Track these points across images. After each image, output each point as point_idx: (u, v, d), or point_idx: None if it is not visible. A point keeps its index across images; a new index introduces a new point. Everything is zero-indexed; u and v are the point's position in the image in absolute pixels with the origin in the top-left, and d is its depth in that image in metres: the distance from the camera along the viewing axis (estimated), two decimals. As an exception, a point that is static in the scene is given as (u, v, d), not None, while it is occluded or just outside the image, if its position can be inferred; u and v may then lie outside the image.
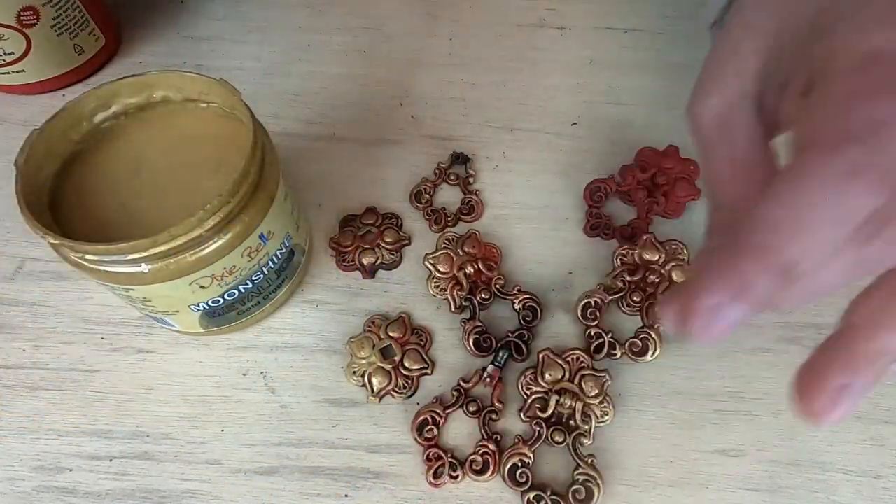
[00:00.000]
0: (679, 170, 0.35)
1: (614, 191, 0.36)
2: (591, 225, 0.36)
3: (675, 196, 0.35)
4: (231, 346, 0.32)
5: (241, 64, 0.43)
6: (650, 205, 0.35)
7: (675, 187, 0.35)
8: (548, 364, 0.30)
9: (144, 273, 0.24)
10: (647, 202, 0.35)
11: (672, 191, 0.35)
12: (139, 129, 0.29)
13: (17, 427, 0.29)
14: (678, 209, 0.35)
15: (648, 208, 0.35)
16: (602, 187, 0.36)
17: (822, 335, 0.32)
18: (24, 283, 0.33)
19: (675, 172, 0.35)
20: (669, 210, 0.35)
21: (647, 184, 0.36)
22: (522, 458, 0.28)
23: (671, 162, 0.36)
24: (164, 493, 0.28)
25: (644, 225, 0.35)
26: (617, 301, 0.33)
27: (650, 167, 0.36)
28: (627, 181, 0.36)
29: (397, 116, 0.41)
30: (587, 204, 0.36)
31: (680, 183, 0.35)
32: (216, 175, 0.27)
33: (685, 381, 0.31)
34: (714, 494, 0.28)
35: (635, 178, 0.36)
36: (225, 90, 0.27)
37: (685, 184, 0.35)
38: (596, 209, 0.36)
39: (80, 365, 0.31)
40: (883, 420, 0.29)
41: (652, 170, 0.36)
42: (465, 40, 0.45)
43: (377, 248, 0.34)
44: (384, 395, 0.30)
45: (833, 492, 0.28)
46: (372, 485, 0.28)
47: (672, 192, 0.35)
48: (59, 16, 0.38)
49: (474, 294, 0.32)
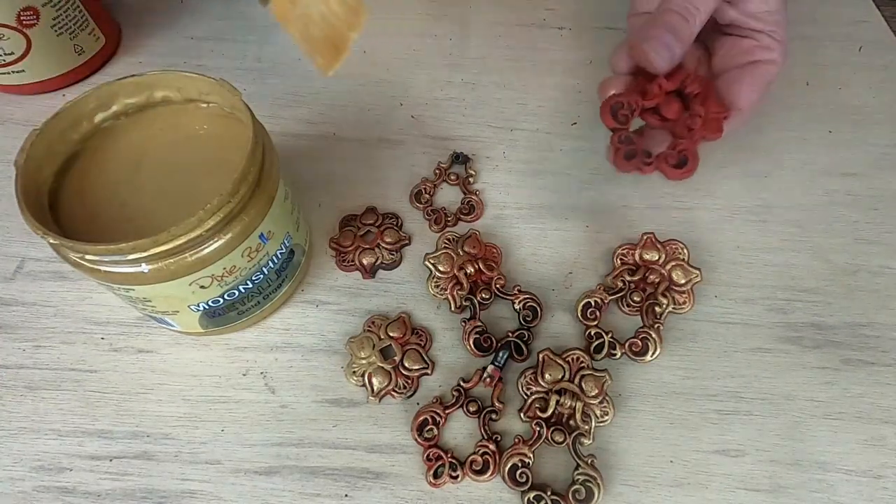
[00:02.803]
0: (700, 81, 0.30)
1: (640, 107, 0.29)
2: (625, 153, 0.28)
3: (712, 110, 0.29)
4: (231, 346, 0.32)
5: (241, 64, 0.43)
6: (692, 120, 0.28)
7: (707, 102, 0.29)
8: (548, 364, 0.30)
9: (144, 273, 0.24)
10: (686, 118, 0.29)
11: (706, 104, 0.29)
12: (139, 129, 0.29)
13: (17, 427, 0.29)
14: (718, 127, 0.29)
15: (691, 125, 0.28)
16: (626, 103, 0.29)
17: (821, 335, 0.33)
18: (24, 283, 0.33)
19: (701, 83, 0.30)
20: (709, 129, 0.29)
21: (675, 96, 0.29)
22: (522, 458, 0.28)
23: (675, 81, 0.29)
24: (164, 493, 0.28)
25: (695, 144, 0.29)
26: (617, 301, 0.33)
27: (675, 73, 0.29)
28: (654, 92, 0.29)
29: (397, 116, 0.41)
30: (611, 126, 0.29)
31: (713, 96, 0.30)
32: (216, 175, 0.27)
33: (685, 381, 0.31)
34: (714, 494, 0.28)
35: (662, 89, 0.29)
36: (225, 90, 0.27)
37: (714, 100, 0.30)
38: (624, 131, 0.29)
39: (80, 365, 0.31)
40: (883, 420, 0.29)
41: (680, 76, 0.29)
42: (465, 40, 0.45)
43: (377, 248, 0.34)
44: (384, 395, 0.30)
45: (833, 492, 0.28)
46: (372, 485, 0.28)
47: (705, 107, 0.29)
48: (59, 16, 0.38)
49: (474, 294, 0.32)
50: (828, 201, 0.37)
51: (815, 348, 0.31)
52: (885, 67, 0.43)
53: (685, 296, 0.32)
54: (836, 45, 0.44)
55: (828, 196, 0.37)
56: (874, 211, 0.36)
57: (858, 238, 0.35)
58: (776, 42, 0.31)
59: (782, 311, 0.33)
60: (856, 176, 0.38)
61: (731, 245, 0.35)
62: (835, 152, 0.39)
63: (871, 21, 0.46)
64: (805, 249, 0.35)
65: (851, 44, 0.44)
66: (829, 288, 0.33)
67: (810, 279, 0.34)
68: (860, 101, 0.41)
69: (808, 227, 0.36)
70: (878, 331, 0.32)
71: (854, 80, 0.42)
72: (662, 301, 0.31)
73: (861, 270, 0.34)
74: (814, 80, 0.42)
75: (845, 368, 0.31)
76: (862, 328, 0.32)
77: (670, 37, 0.29)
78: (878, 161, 0.38)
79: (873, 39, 0.45)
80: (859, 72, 0.43)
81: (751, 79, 0.31)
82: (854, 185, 0.37)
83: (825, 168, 0.38)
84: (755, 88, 0.31)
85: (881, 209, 0.36)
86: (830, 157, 0.39)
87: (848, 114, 0.41)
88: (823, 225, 0.36)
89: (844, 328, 0.32)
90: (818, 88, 0.42)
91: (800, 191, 0.37)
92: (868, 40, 0.45)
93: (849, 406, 0.30)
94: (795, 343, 0.32)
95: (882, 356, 0.31)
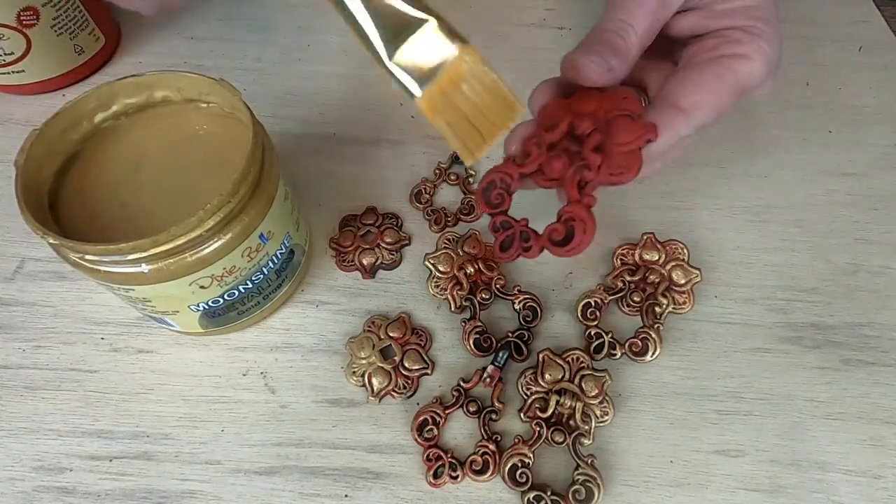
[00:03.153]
0: (606, 109, 0.25)
1: (518, 177, 0.25)
2: (501, 243, 0.25)
3: (617, 143, 0.24)
4: (231, 346, 0.32)
5: (241, 64, 0.43)
6: (579, 173, 0.24)
7: (612, 132, 0.24)
8: (548, 364, 0.30)
9: (144, 273, 0.24)
10: (574, 171, 0.24)
11: (610, 138, 0.24)
12: (139, 129, 0.29)
13: (17, 427, 0.29)
14: (630, 162, 0.24)
15: (580, 180, 0.24)
16: (498, 180, 0.25)
17: (821, 335, 0.33)
18: (24, 283, 0.33)
19: (604, 113, 0.24)
20: (616, 168, 0.24)
21: (563, 146, 0.25)
22: (522, 458, 0.28)
23: (590, 103, 0.25)
24: (164, 494, 0.28)
25: (585, 209, 0.24)
26: (617, 301, 0.33)
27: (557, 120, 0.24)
28: (532, 155, 0.24)
29: (397, 116, 0.41)
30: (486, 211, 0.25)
31: (618, 124, 0.24)
32: (216, 175, 0.27)
33: (685, 381, 0.31)
34: (714, 494, 0.28)
35: (542, 144, 0.24)
36: (225, 90, 0.27)
37: (625, 123, 0.24)
38: (501, 215, 0.25)
39: (80, 365, 0.31)
40: (883, 420, 0.29)
41: (563, 122, 0.24)
42: (465, 40, 0.45)
43: (377, 248, 0.34)
44: (384, 395, 0.30)
45: (833, 492, 0.28)
46: (372, 485, 0.28)
47: (611, 141, 0.24)
48: (59, 16, 0.38)
49: (474, 294, 0.32)
50: (828, 201, 0.37)
51: (815, 348, 0.31)
52: (885, 67, 0.43)
53: (685, 296, 0.32)
54: (836, 45, 0.44)
55: (828, 196, 0.37)
56: (874, 211, 0.36)
57: (858, 238, 0.35)
58: (752, 37, 0.26)
59: (782, 311, 0.33)
60: (856, 176, 0.38)
61: (731, 245, 0.35)
62: (835, 152, 0.39)
63: (871, 21, 0.46)
64: (805, 249, 0.35)
65: (851, 44, 0.44)
66: (829, 288, 0.33)
67: (810, 279, 0.34)
68: (860, 101, 0.41)
69: (808, 227, 0.36)
70: (878, 331, 0.32)
71: (854, 80, 0.42)
72: (662, 301, 0.31)
73: (861, 270, 0.34)
74: (814, 80, 0.42)
75: (845, 368, 0.31)
76: (862, 328, 0.32)
77: (603, 48, 0.25)
78: (878, 161, 0.38)
79: (873, 39, 0.45)
80: (859, 72, 0.43)
81: (703, 77, 0.26)
82: (854, 185, 0.37)
83: (825, 168, 0.38)
84: (710, 88, 0.26)
85: (881, 209, 0.36)
86: (830, 157, 0.39)
87: (848, 114, 0.41)
88: (823, 225, 0.36)
89: (844, 328, 0.32)
90: (818, 88, 0.42)
91: (800, 191, 0.37)
92: (868, 40, 0.45)
93: (849, 406, 0.30)
94: (795, 343, 0.32)
95: (882, 356, 0.31)
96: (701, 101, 0.25)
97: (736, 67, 0.26)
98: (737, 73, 0.26)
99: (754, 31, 0.27)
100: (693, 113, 0.25)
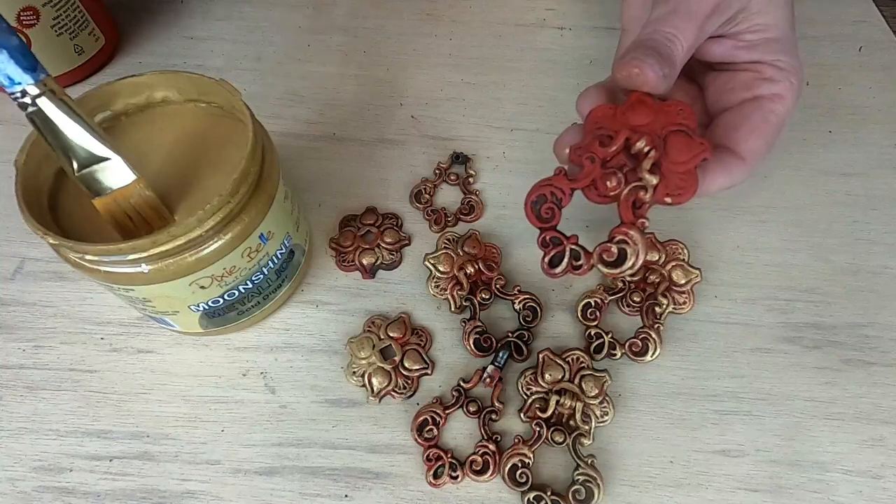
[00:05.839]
0: (662, 123, 0.23)
1: (570, 192, 0.24)
2: (550, 259, 0.24)
3: (674, 162, 0.23)
4: (231, 346, 0.32)
5: (241, 64, 0.43)
6: (634, 194, 0.23)
7: (669, 151, 0.23)
8: (548, 364, 0.30)
9: (144, 273, 0.24)
10: (629, 192, 0.23)
11: (667, 157, 0.23)
12: (139, 129, 0.29)
13: (17, 427, 0.29)
14: (688, 183, 0.23)
15: (634, 200, 0.23)
16: (549, 194, 0.24)
17: (821, 335, 0.33)
18: (24, 283, 0.33)
19: (659, 128, 0.23)
20: (674, 189, 0.23)
21: (619, 161, 0.24)
22: (522, 459, 0.28)
23: (644, 115, 0.23)
24: (164, 494, 0.28)
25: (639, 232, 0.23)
26: (617, 301, 0.33)
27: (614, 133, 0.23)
28: (585, 169, 0.24)
29: (397, 116, 0.41)
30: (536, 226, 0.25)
31: (675, 141, 0.23)
32: (216, 175, 0.27)
33: (685, 381, 0.31)
34: (714, 494, 0.28)
35: (596, 159, 0.23)
36: (225, 90, 0.27)
37: (682, 139, 0.23)
38: (550, 230, 0.24)
39: (80, 365, 0.31)
40: (883, 420, 0.29)
41: (619, 137, 0.23)
42: (464, 40, 0.45)
43: (377, 248, 0.34)
44: (384, 396, 0.30)
45: (833, 492, 0.28)
46: (372, 485, 0.28)
47: (667, 160, 0.23)
48: (59, 16, 0.38)
49: (474, 294, 0.32)
50: (828, 201, 0.37)
51: (815, 348, 0.31)
52: (885, 67, 0.43)
53: (685, 296, 0.32)
54: (836, 45, 0.44)
55: (828, 196, 0.37)
56: (874, 211, 0.36)
57: (858, 238, 0.35)
58: (782, 72, 0.27)
59: (782, 311, 0.33)
60: (856, 176, 0.38)
61: (731, 245, 0.35)
62: (835, 152, 0.39)
63: (871, 21, 0.46)
64: (805, 249, 0.35)
65: (851, 44, 0.44)
66: (829, 288, 0.33)
67: (810, 279, 0.34)
68: (860, 101, 0.41)
69: (808, 227, 0.36)
70: (878, 331, 0.32)
71: (854, 80, 0.42)
72: (662, 301, 0.31)
73: (861, 270, 0.34)
74: (814, 80, 0.42)
75: (845, 368, 0.31)
76: (862, 328, 0.32)
77: (657, 54, 0.24)
78: (878, 161, 0.38)
79: (873, 39, 0.45)
80: (859, 72, 0.43)
81: (752, 122, 0.27)
82: (854, 185, 0.37)
83: (825, 168, 0.38)
84: (761, 134, 0.27)
85: (881, 209, 0.36)
86: (830, 157, 0.39)
87: (848, 114, 0.41)
88: (823, 225, 0.36)
89: (844, 328, 0.32)
90: (818, 88, 0.42)
91: (800, 191, 0.37)
92: (868, 40, 0.45)
93: (849, 406, 0.30)
94: (795, 343, 0.32)
95: (882, 356, 0.31)
96: (755, 149, 0.27)
97: (776, 109, 0.27)
98: (778, 115, 0.27)
99: (782, 66, 0.27)
100: (751, 161, 0.27)
